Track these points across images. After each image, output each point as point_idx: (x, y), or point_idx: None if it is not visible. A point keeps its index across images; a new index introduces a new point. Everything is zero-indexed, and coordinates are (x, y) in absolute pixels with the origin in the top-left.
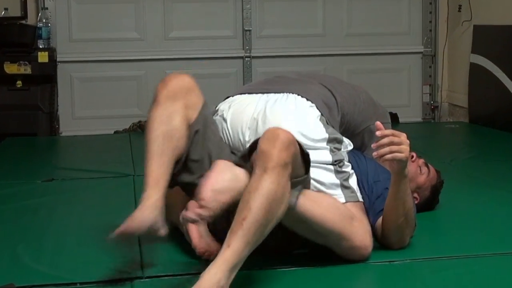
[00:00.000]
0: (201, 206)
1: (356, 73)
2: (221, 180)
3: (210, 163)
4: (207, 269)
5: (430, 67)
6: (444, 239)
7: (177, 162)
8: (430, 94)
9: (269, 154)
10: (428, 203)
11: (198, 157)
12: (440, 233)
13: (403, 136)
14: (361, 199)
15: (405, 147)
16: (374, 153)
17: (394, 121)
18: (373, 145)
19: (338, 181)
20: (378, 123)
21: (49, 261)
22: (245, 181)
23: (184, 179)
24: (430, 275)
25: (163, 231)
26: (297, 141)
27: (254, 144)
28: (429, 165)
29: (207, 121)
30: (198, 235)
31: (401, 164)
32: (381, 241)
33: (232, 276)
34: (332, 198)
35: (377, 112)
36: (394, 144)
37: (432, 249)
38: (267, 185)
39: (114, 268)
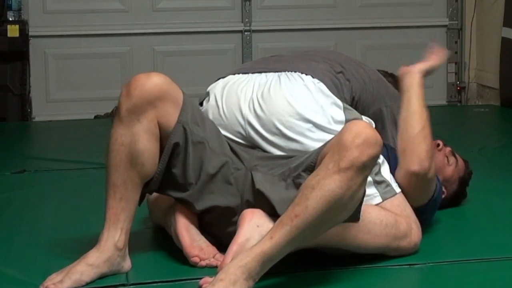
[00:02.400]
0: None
1: (371, 49)
2: (248, 242)
3: (201, 172)
4: (241, 254)
5: (456, 42)
6: (471, 239)
7: (148, 181)
8: (456, 74)
9: (348, 151)
10: (455, 197)
11: (179, 171)
12: (466, 233)
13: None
14: (398, 190)
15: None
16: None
17: None
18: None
19: (370, 179)
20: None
21: (19, 264)
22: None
23: (173, 194)
24: (455, 280)
25: (127, 267)
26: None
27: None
28: (457, 154)
29: (189, 128)
30: (189, 240)
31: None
32: (400, 174)
33: (265, 270)
34: (371, 212)
35: (389, 92)
36: None
37: (457, 251)
38: (333, 188)
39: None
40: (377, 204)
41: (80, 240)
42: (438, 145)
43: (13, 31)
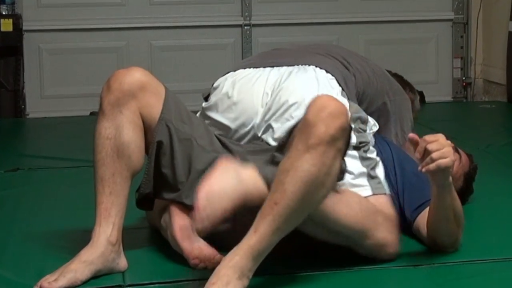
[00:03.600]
0: (196, 218)
1: (375, 44)
2: (221, 183)
3: (190, 168)
4: (229, 254)
5: (461, 37)
6: (477, 239)
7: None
8: (461, 69)
9: (314, 127)
10: (462, 194)
11: (169, 170)
12: (472, 233)
13: (441, 138)
14: (388, 191)
15: (448, 149)
16: (420, 168)
17: (420, 101)
18: (416, 155)
19: (364, 170)
20: (411, 135)
21: (13, 265)
22: (252, 185)
23: (167, 196)
24: (460, 282)
25: (123, 265)
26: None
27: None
28: (460, 149)
29: (172, 126)
30: (189, 242)
31: (447, 172)
32: (429, 244)
33: (257, 264)
34: (352, 193)
35: (393, 87)
36: (434, 151)
37: (463, 251)
38: (307, 167)
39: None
40: (365, 197)
41: (75, 239)
42: None
43: (6, 25)
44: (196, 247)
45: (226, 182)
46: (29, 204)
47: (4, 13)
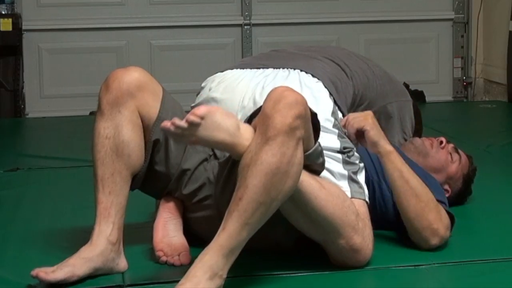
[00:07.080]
0: (187, 121)
1: (375, 43)
2: (221, 116)
3: (180, 165)
4: (200, 254)
5: (462, 36)
6: (477, 239)
7: (135, 175)
8: (462, 69)
9: (270, 118)
10: (460, 195)
11: (163, 167)
12: (472, 233)
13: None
14: (367, 199)
15: (360, 117)
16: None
17: (420, 100)
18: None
19: (345, 173)
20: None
21: (12, 265)
22: (246, 139)
23: (154, 192)
24: (460, 282)
25: (122, 266)
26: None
27: (256, 112)
28: (460, 150)
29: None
30: (161, 234)
31: (367, 133)
32: (412, 240)
33: (229, 263)
34: (340, 189)
35: (395, 88)
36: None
37: (463, 251)
38: (267, 159)
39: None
40: None
41: (75, 239)
42: (441, 142)
43: (5, 24)
44: (166, 241)
45: (227, 119)
46: (29, 204)
47: (3, 12)
